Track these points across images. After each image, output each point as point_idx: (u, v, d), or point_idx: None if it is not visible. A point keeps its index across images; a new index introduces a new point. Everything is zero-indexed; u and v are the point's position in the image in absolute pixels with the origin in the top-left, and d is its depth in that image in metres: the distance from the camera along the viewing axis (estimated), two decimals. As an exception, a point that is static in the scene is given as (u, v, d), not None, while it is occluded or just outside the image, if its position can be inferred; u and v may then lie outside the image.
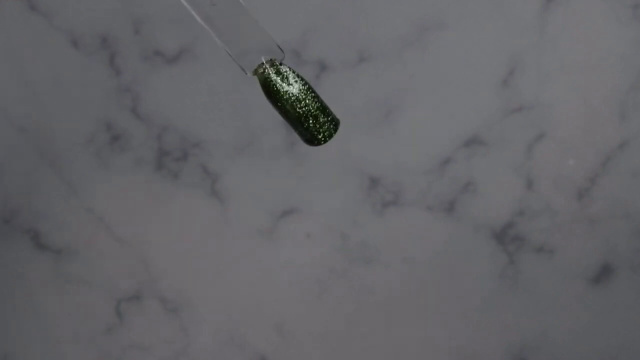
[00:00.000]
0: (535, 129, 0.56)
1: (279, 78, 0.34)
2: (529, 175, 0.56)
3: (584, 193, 0.56)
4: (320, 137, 0.35)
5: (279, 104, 0.35)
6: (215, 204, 0.56)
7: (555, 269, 0.57)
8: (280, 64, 0.34)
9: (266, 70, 0.34)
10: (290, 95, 0.34)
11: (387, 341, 0.58)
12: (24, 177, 0.56)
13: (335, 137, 0.35)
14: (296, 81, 0.34)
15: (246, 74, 0.35)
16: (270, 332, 0.58)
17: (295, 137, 0.55)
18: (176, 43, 0.54)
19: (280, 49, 0.34)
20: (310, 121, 0.35)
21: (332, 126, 0.35)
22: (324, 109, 0.35)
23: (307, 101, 0.35)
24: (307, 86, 0.35)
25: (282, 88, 0.34)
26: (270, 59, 0.34)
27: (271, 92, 0.34)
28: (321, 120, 0.35)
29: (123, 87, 0.54)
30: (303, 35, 0.54)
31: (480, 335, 0.58)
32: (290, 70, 0.34)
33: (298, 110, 0.34)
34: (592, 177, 0.56)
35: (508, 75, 0.55)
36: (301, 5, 0.54)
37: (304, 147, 0.55)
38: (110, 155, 0.55)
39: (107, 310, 0.57)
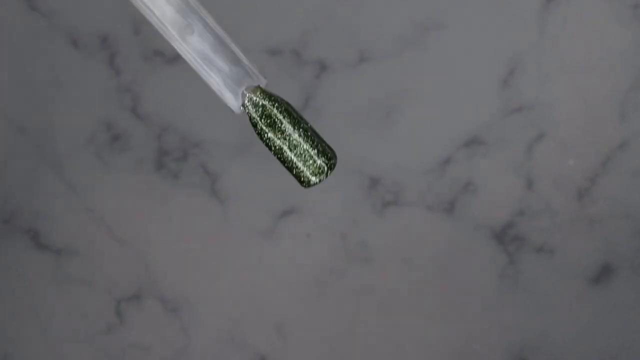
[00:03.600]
0: (535, 129, 0.56)
1: (262, 120, 0.31)
2: (529, 175, 0.56)
3: (584, 193, 0.56)
4: (304, 181, 0.31)
5: (268, 148, 0.31)
6: (215, 204, 0.56)
7: (555, 269, 0.57)
8: (264, 97, 0.31)
9: (248, 108, 0.31)
10: (277, 145, 0.31)
11: (387, 341, 0.58)
12: (24, 177, 0.56)
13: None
14: (279, 122, 0.31)
15: (233, 111, 0.32)
16: (270, 332, 0.58)
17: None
18: (176, 43, 0.54)
19: (263, 75, 0.32)
20: (295, 170, 0.31)
21: (319, 169, 0.31)
22: (309, 153, 0.31)
23: (291, 149, 0.31)
24: (297, 127, 0.31)
25: (266, 133, 0.31)
26: (251, 91, 0.31)
27: (258, 135, 0.31)
28: (306, 166, 0.31)
29: (123, 87, 0.54)
30: (303, 35, 0.54)
31: (480, 335, 0.58)
32: (273, 105, 0.31)
33: (284, 160, 0.31)
34: (592, 177, 0.56)
35: (508, 75, 0.55)
36: (301, 5, 0.54)
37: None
38: (110, 155, 0.55)
39: (107, 310, 0.57)
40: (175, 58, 0.54)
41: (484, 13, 0.54)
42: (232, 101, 0.32)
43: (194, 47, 0.32)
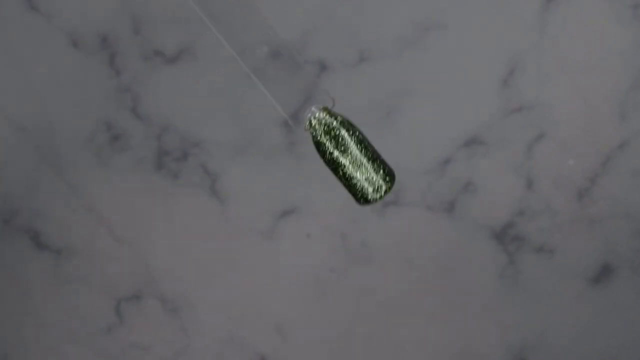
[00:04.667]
0: (535, 129, 0.56)
1: (330, 143, 0.31)
2: (529, 175, 0.56)
3: (584, 193, 0.56)
4: (363, 197, 0.32)
5: (328, 165, 0.32)
6: (215, 204, 0.56)
7: (555, 269, 0.57)
8: (332, 116, 0.31)
9: (316, 131, 0.31)
10: (340, 162, 0.32)
11: (387, 341, 0.58)
12: (24, 177, 0.56)
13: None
14: (346, 145, 0.31)
15: (297, 130, 0.32)
16: (270, 332, 0.58)
17: (296, 136, 0.55)
18: (176, 43, 0.54)
19: (330, 96, 0.32)
20: (355, 187, 0.31)
21: (379, 187, 0.32)
22: (371, 171, 0.31)
23: (354, 166, 0.32)
24: (360, 146, 0.31)
25: (332, 154, 0.31)
26: (319, 111, 0.31)
27: (321, 153, 0.31)
28: (368, 183, 0.31)
29: (123, 87, 0.54)
30: (303, 35, 0.54)
31: (480, 335, 0.58)
32: (341, 125, 0.31)
33: (345, 177, 0.32)
34: (592, 177, 0.56)
35: (508, 75, 0.55)
36: (301, 5, 0.54)
37: (304, 147, 0.55)
38: (110, 155, 0.55)
39: (107, 310, 0.57)
40: (175, 58, 0.54)
41: (484, 13, 0.54)
42: (296, 119, 0.32)
43: (263, 64, 0.32)
